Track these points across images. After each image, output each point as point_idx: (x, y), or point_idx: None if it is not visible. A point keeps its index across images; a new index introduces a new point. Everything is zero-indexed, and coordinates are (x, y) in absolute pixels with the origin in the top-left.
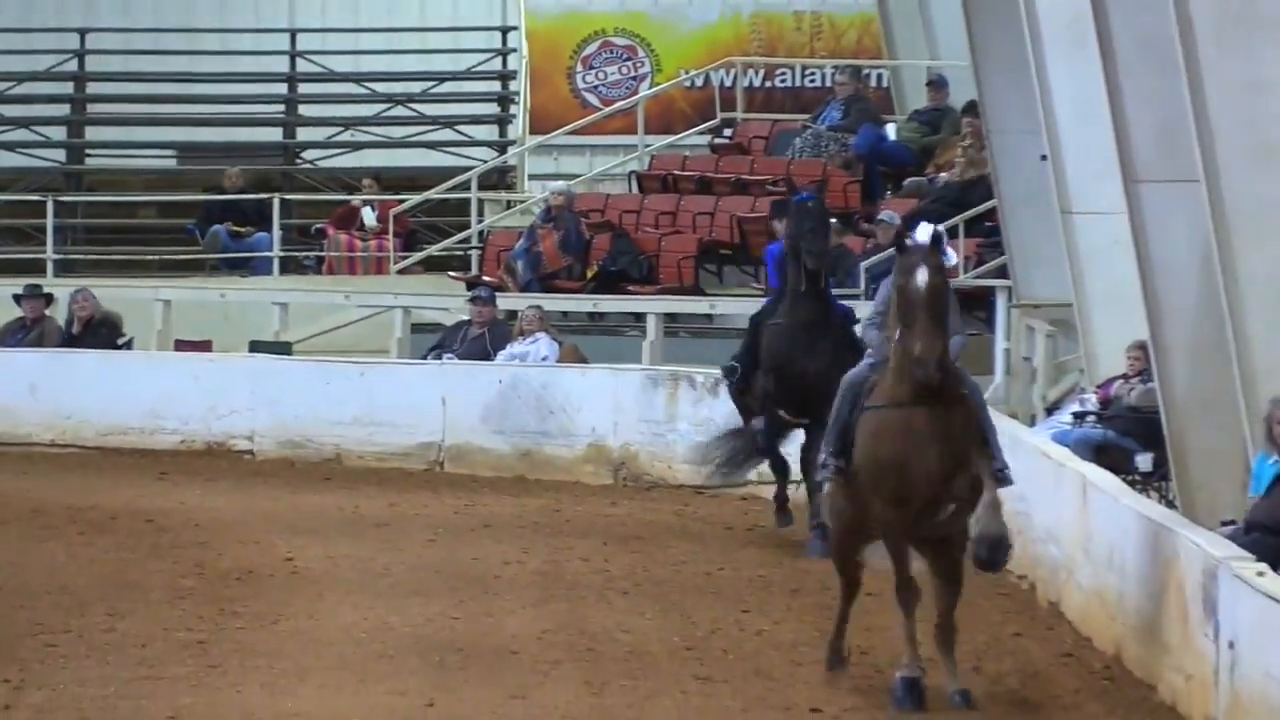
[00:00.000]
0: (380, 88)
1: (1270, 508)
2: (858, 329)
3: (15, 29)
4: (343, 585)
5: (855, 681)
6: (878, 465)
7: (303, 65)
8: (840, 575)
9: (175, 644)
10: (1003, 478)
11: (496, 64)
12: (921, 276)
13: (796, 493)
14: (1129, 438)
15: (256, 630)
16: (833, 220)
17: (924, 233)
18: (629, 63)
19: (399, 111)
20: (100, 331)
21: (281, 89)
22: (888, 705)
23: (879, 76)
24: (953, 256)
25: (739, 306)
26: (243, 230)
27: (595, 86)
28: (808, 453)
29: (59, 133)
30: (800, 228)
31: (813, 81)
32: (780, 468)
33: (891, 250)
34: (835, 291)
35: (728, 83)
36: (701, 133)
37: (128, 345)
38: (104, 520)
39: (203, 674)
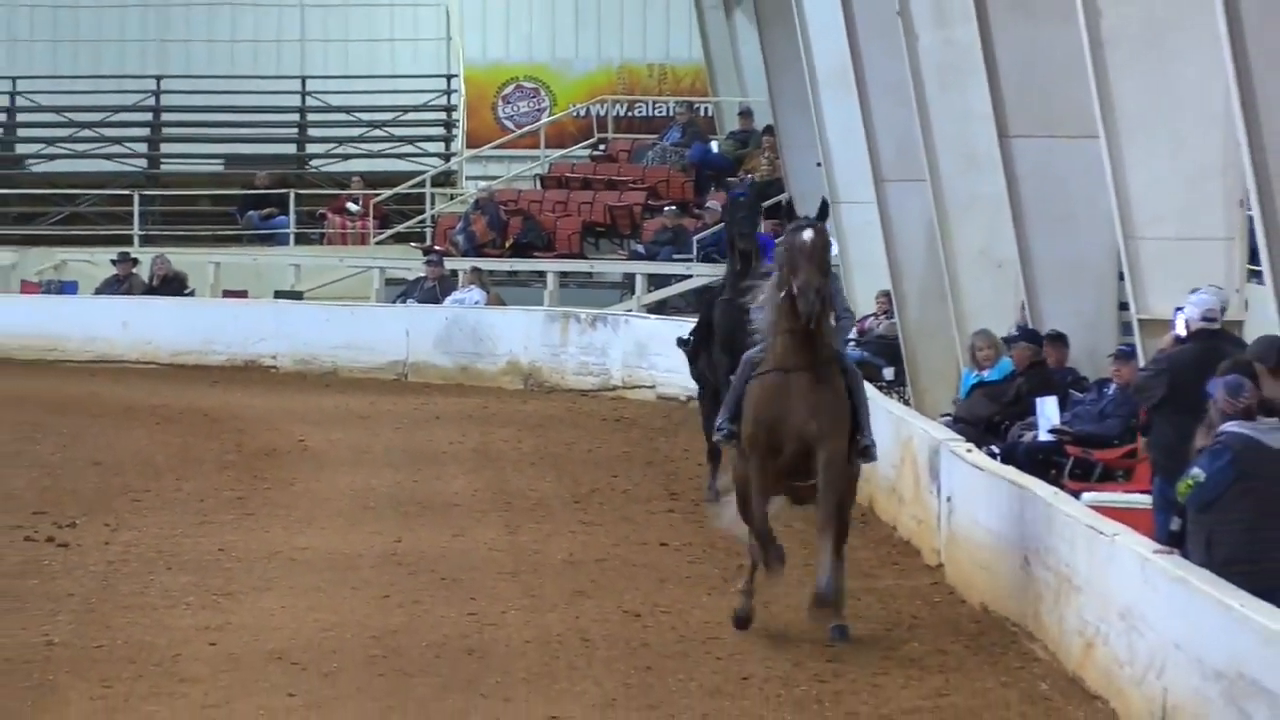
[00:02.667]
0: (363, 116)
1: (970, 406)
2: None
3: (110, 75)
4: (338, 459)
5: (699, 523)
6: (754, 422)
7: (310, 100)
8: (751, 529)
9: (222, 500)
10: (868, 454)
11: (443, 100)
12: (807, 234)
13: None
14: (879, 356)
15: (278, 490)
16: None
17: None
18: (534, 99)
19: (376, 133)
20: (171, 284)
21: (295, 117)
22: (716, 538)
23: (706, 109)
24: (834, 246)
25: (609, 266)
26: (268, 214)
27: (511, 116)
28: None
29: (142, 147)
30: (734, 217)
31: (660, 112)
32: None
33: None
34: (676, 258)
35: (602, 113)
36: (584, 148)
37: (190, 294)
38: (173, 414)
39: (241, 520)
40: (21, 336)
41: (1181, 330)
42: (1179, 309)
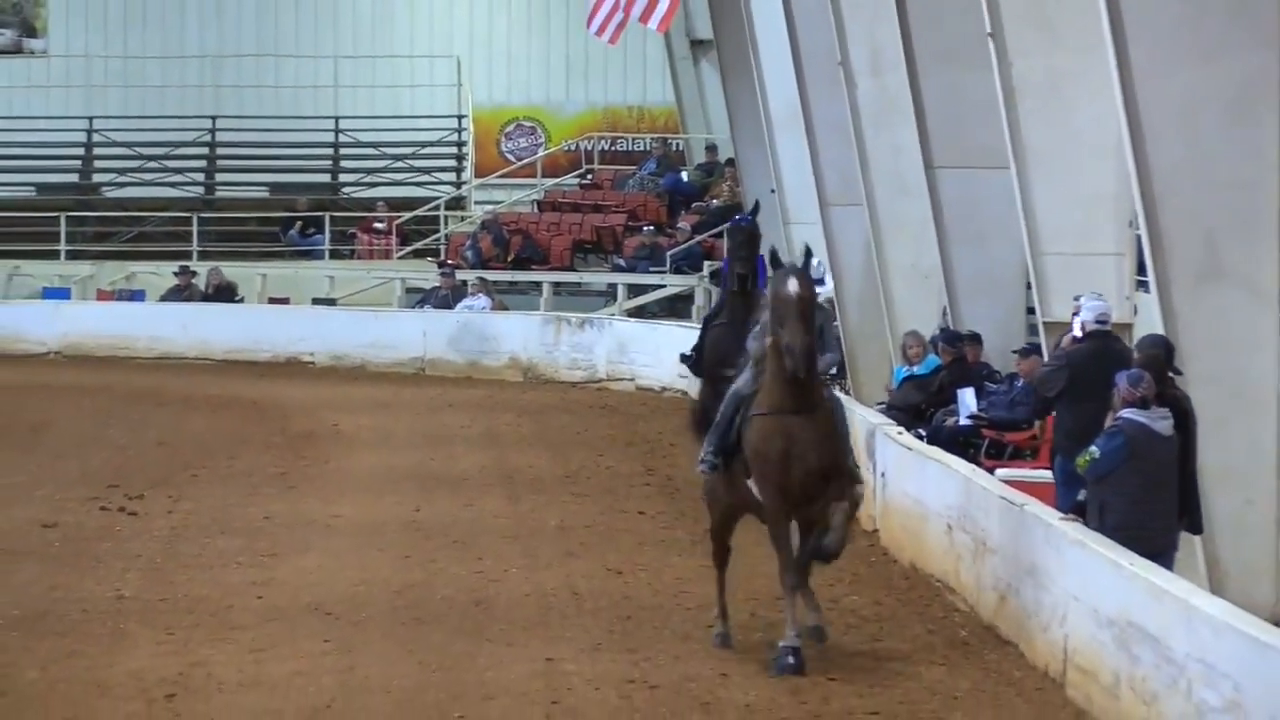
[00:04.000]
0: (387, 150)
1: (901, 396)
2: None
3: (173, 115)
4: (365, 441)
5: (671, 495)
6: (765, 463)
7: (342, 137)
8: (714, 545)
9: (268, 475)
10: (856, 476)
11: (455, 137)
12: (792, 286)
13: None
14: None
15: (315, 467)
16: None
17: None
18: (532, 136)
19: (398, 165)
20: (224, 293)
21: (329, 151)
22: (685, 508)
23: (677, 144)
24: (828, 283)
25: (595, 277)
26: (307, 233)
27: (512, 150)
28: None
29: (199, 176)
30: (735, 243)
31: (639, 147)
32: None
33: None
34: (652, 270)
35: (589, 147)
36: (574, 177)
37: (240, 301)
38: (226, 403)
39: (284, 493)
40: (97, 337)
41: (1078, 331)
42: (1075, 314)
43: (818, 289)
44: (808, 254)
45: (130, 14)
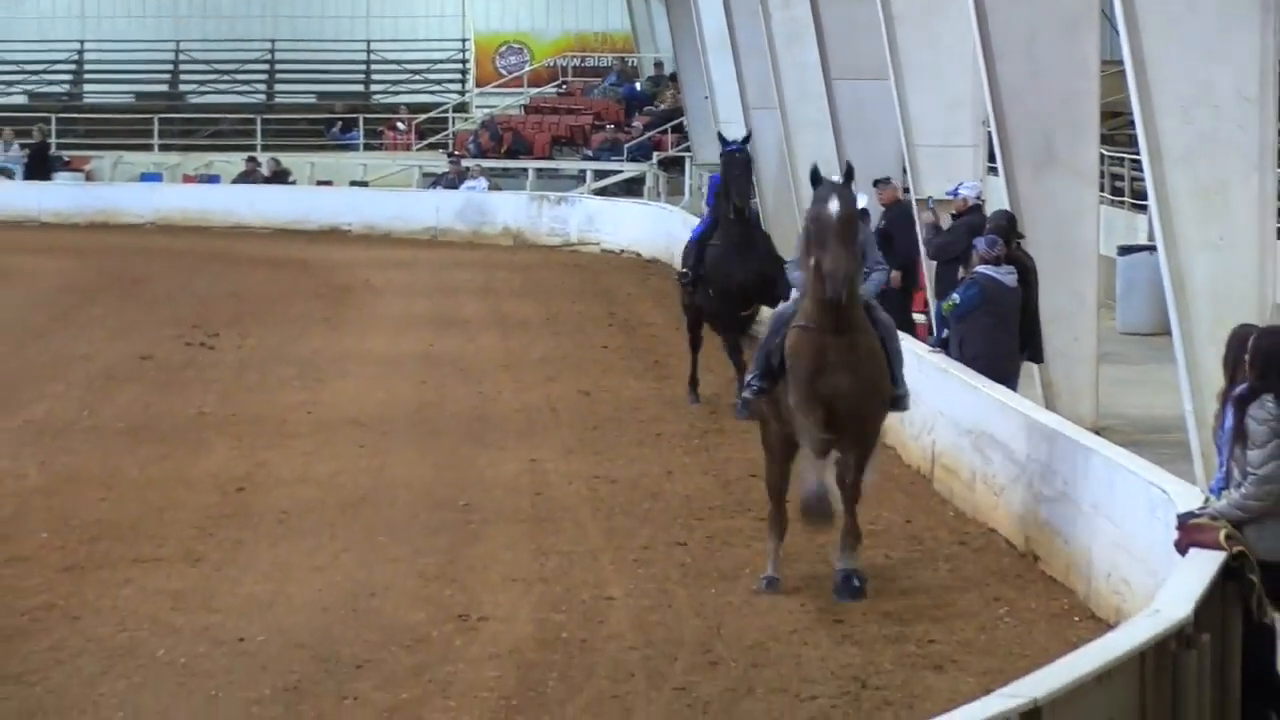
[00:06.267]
0: (407, 66)
1: None
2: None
3: (241, 39)
4: (392, 292)
5: (630, 332)
6: (794, 376)
7: (373, 56)
8: (771, 504)
9: (315, 318)
10: (900, 404)
11: (460, 55)
12: (833, 206)
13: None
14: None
15: (352, 310)
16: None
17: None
18: (520, 55)
19: (416, 78)
20: (281, 177)
21: (363, 67)
22: (639, 341)
23: (632, 61)
24: (864, 199)
25: (568, 165)
26: (346, 131)
27: (505, 66)
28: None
29: (262, 87)
30: (729, 171)
31: (603, 63)
32: (696, 347)
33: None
34: (613, 160)
35: (564, 64)
36: (553, 87)
37: (293, 183)
38: (281, 262)
39: (329, 331)
40: (183, 211)
41: (955, 208)
42: (954, 191)
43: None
44: (849, 172)
45: None
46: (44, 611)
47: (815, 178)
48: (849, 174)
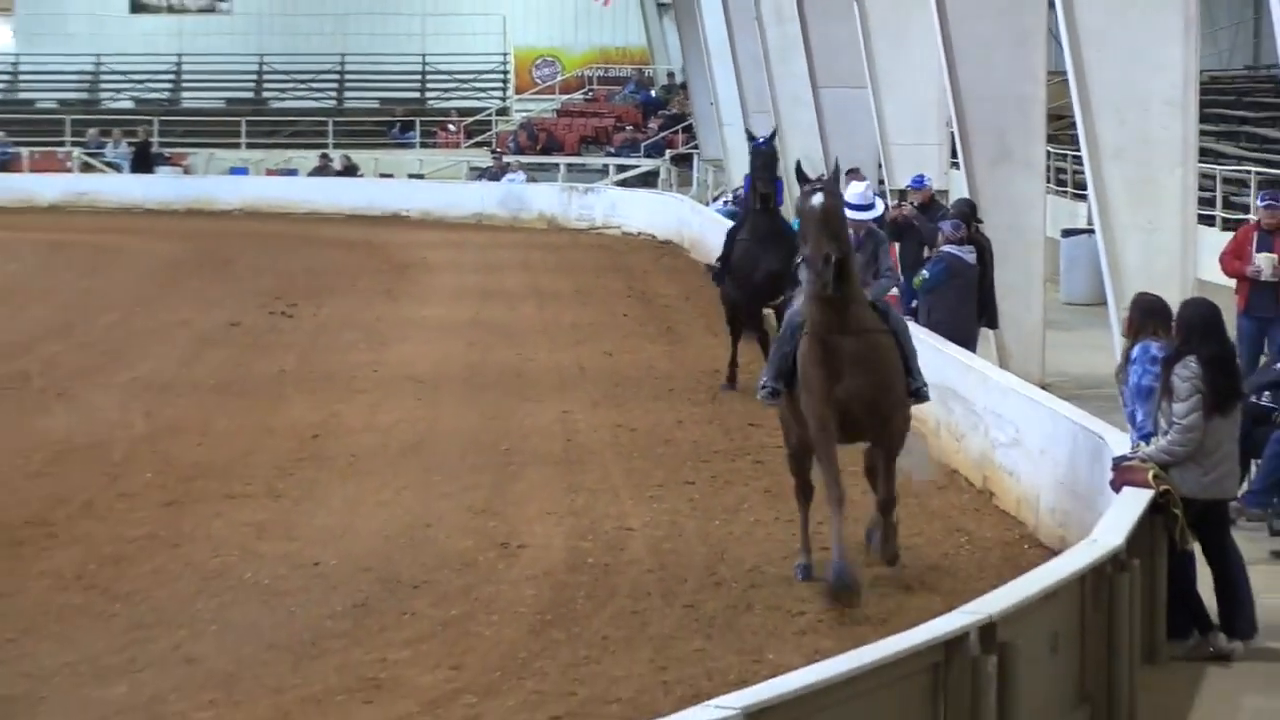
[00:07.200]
0: (457, 76)
1: None
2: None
3: (316, 52)
4: (445, 269)
5: (647, 304)
6: (803, 383)
7: (427, 68)
8: (795, 480)
9: (377, 290)
10: (920, 395)
11: (502, 66)
12: (816, 199)
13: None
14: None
15: (411, 284)
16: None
17: (853, 191)
18: (552, 66)
19: (464, 87)
20: (350, 171)
21: (418, 77)
22: (657, 310)
23: (648, 71)
24: (878, 206)
25: (594, 160)
26: (405, 132)
27: (539, 75)
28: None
29: (333, 93)
30: (755, 165)
31: (623, 74)
32: (736, 338)
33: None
34: (631, 156)
35: (590, 74)
36: (581, 94)
37: (360, 176)
38: (350, 243)
39: (390, 301)
40: (266, 200)
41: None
42: (914, 183)
43: (866, 214)
44: (837, 167)
45: None
46: (148, 540)
47: (800, 174)
48: (836, 172)
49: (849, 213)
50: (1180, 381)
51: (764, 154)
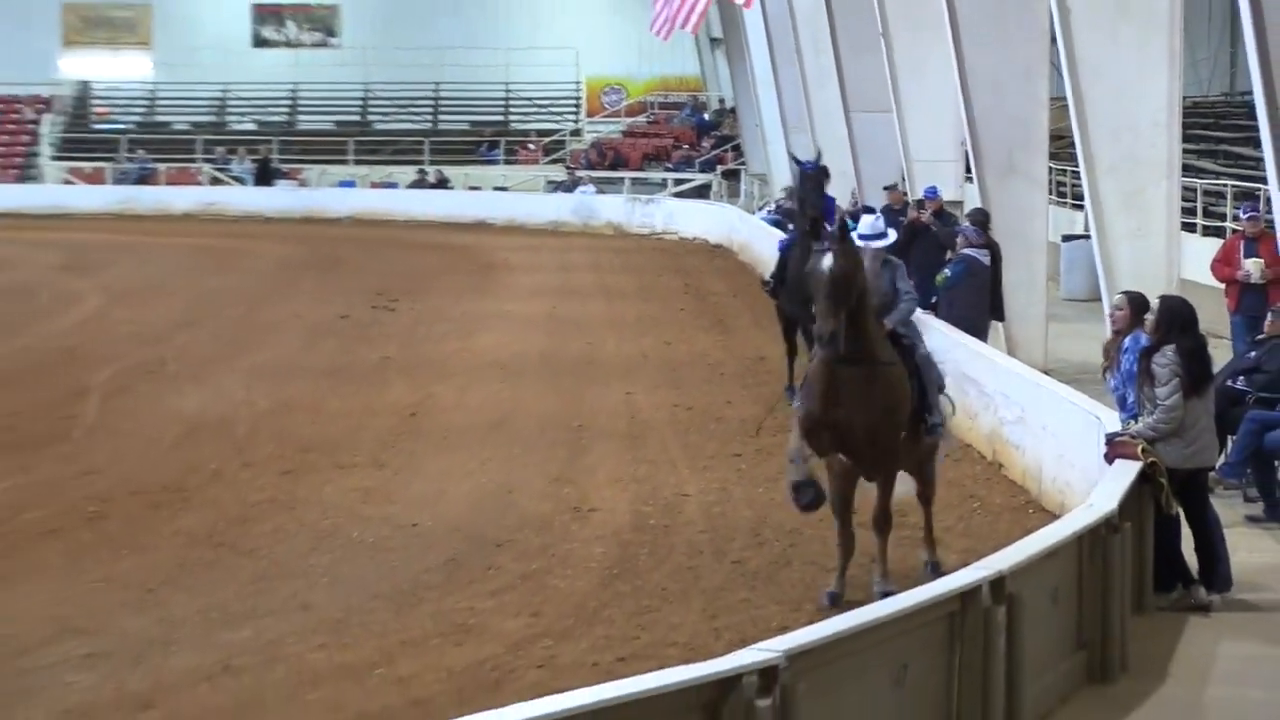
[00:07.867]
0: (537, 101)
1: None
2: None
3: (413, 81)
4: (524, 268)
5: (700, 300)
6: (805, 405)
7: (510, 95)
8: (836, 518)
9: (468, 287)
10: (932, 431)
11: (575, 93)
12: (825, 263)
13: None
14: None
15: (495, 282)
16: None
17: (865, 223)
18: (619, 94)
19: (542, 111)
20: (443, 184)
21: (502, 104)
22: (705, 310)
23: (702, 97)
24: (890, 235)
25: (655, 175)
26: (490, 150)
27: (608, 101)
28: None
29: (429, 116)
30: (804, 187)
31: (680, 99)
32: (792, 352)
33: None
34: (687, 171)
35: (652, 100)
36: (643, 117)
37: (452, 188)
38: (443, 248)
39: (477, 298)
40: (371, 210)
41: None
42: (928, 194)
43: (879, 242)
44: (843, 221)
45: (391, 19)
46: (268, 504)
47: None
48: (843, 230)
49: (861, 243)
50: (1160, 368)
51: (812, 177)
